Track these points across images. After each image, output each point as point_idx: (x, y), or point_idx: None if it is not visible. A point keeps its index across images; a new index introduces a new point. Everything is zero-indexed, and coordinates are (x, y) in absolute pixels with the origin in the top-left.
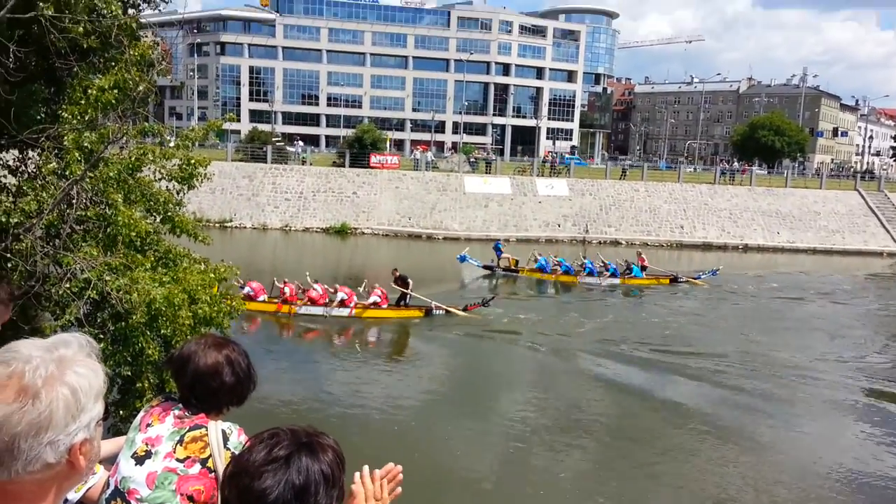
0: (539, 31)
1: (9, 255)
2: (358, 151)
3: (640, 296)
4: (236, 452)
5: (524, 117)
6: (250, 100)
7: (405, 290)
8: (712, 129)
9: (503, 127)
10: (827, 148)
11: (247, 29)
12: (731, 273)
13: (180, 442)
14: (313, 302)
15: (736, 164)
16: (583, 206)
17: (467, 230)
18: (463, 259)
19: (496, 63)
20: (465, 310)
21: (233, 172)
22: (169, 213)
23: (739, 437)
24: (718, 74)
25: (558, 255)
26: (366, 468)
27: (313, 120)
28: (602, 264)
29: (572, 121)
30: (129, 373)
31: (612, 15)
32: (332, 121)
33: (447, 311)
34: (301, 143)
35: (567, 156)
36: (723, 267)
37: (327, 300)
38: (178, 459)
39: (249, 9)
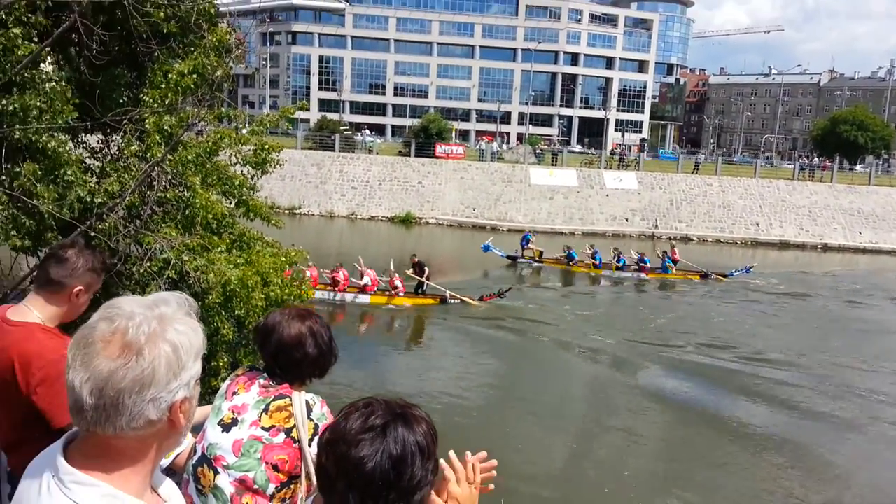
0: (610, 20)
1: (93, 234)
2: (423, 141)
3: (672, 291)
4: (319, 424)
5: (592, 108)
6: (319, 89)
7: (421, 279)
8: (790, 123)
9: (570, 118)
10: None
11: (317, 18)
12: (805, 273)
13: (265, 411)
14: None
15: (816, 159)
16: (652, 200)
17: (532, 222)
18: (487, 248)
19: (564, 52)
20: (480, 300)
21: (302, 160)
22: (243, 197)
23: (803, 452)
24: (798, 66)
25: (594, 246)
26: (452, 452)
27: (380, 109)
28: (638, 257)
29: (642, 112)
30: (205, 352)
31: (686, 3)
32: (399, 110)
33: (462, 301)
34: (368, 131)
35: (662, 151)
36: (756, 264)
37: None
38: (263, 428)
39: None
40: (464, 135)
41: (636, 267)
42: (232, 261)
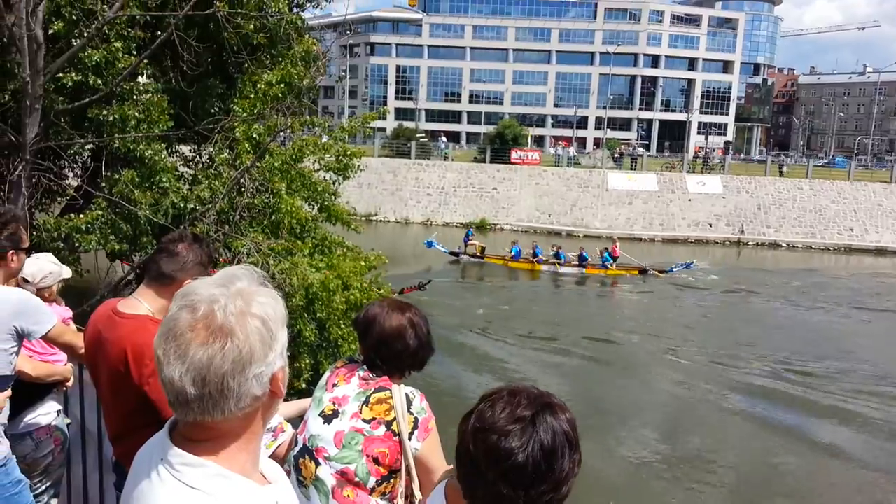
0: (693, 20)
1: None
2: (499, 147)
3: (611, 286)
4: (419, 417)
5: (673, 111)
6: (396, 98)
7: None
8: (887, 124)
9: (649, 121)
10: None
11: (395, 29)
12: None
13: (366, 403)
14: None
15: None
16: (738, 205)
17: (609, 228)
18: (430, 244)
19: (644, 55)
20: (401, 292)
21: (378, 167)
22: (325, 203)
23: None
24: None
25: (535, 243)
26: None
27: (455, 117)
28: (579, 254)
29: (727, 114)
30: (288, 353)
31: (774, 1)
32: (474, 117)
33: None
34: (444, 139)
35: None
36: (697, 260)
37: None
38: (364, 420)
39: (398, 9)
40: (539, 141)
41: (577, 263)
42: (314, 264)
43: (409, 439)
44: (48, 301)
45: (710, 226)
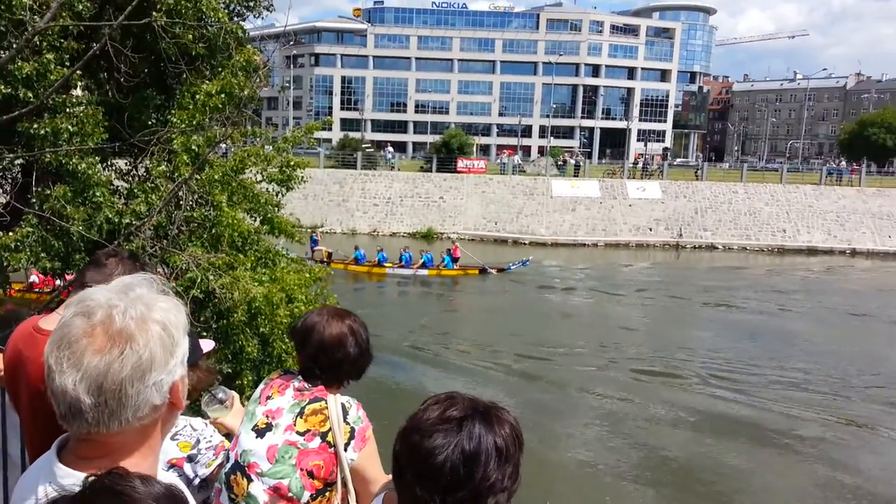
0: (631, 31)
1: None
2: (445, 156)
3: (455, 287)
4: (356, 427)
5: (614, 119)
6: (341, 108)
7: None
8: (816, 128)
9: (591, 129)
10: None
11: (340, 40)
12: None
13: (300, 414)
14: None
15: (843, 163)
16: (676, 210)
17: (554, 234)
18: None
19: (586, 64)
20: None
21: (324, 179)
22: (268, 215)
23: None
24: (824, 70)
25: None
26: None
27: (401, 127)
28: (424, 256)
29: (665, 122)
30: (230, 370)
31: (709, 11)
32: (420, 127)
33: None
34: (391, 149)
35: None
36: (532, 257)
37: None
38: (298, 433)
39: (343, 20)
40: (484, 150)
41: (420, 265)
42: (257, 278)
43: (345, 450)
44: None
45: (651, 230)
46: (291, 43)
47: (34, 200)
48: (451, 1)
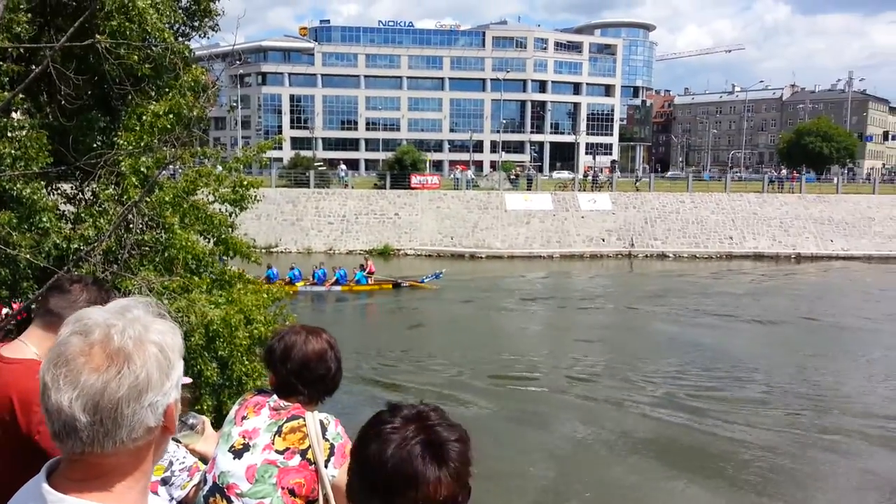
0: (575, 47)
1: None
2: (398, 173)
3: (369, 302)
4: (335, 444)
5: (562, 133)
6: (291, 127)
7: None
8: (756, 138)
9: (541, 144)
10: (877, 153)
11: (287, 59)
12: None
13: (279, 433)
14: None
15: (784, 171)
16: (627, 220)
17: (510, 248)
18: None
19: (532, 80)
20: None
21: (277, 198)
22: (223, 236)
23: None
24: (761, 82)
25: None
26: None
27: (353, 144)
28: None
29: (612, 135)
30: (189, 395)
31: (648, 28)
32: (371, 145)
33: None
34: (344, 167)
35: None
36: (447, 270)
37: None
38: (277, 451)
39: (289, 38)
40: (437, 165)
41: (333, 282)
42: (213, 300)
43: (326, 467)
44: None
45: (603, 240)
46: (238, 62)
47: None
48: (397, 19)
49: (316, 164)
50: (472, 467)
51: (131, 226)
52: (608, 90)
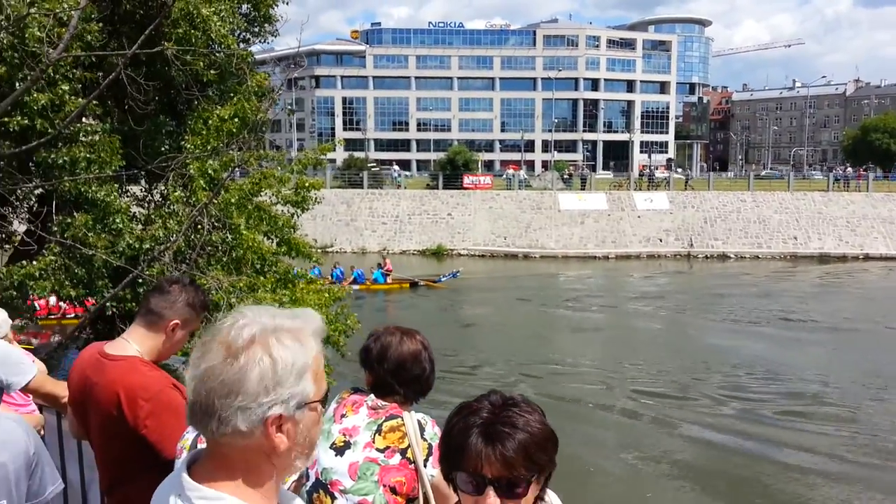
0: (628, 44)
1: (140, 280)
2: (450, 173)
3: (386, 301)
4: (433, 444)
5: (616, 132)
6: (344, 129)
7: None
8: (819, 135)
9: (594, 142)
10: None
11: (339, 62)
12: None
13: (378, 432)
14: None
15: (849, 169)
16: (685, 220)
17: (564, 248)
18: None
19: (584, 79)
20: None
21: (331, 199)
22: (286, 236)
23: None
24: (823, 77)
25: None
26: None
27: (404, 145)
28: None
29: (667, 133)
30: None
31: (704, 23)
32: (422, 145)
33: None
34: (397, 167)
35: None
36: (463, 269)
37: None
38: (378, 449)
39: (341, 42)
40: (488, 165)
41: (351, 280)
42: (278, 299)
43: (425, 466)
44: None
45: (661, 241)
46: (293, 66)
47: (55, 229)
48: (447, 20)
49: (369, 164)
50: (547, 468)
51: (199, 227)
52: (663, 87)
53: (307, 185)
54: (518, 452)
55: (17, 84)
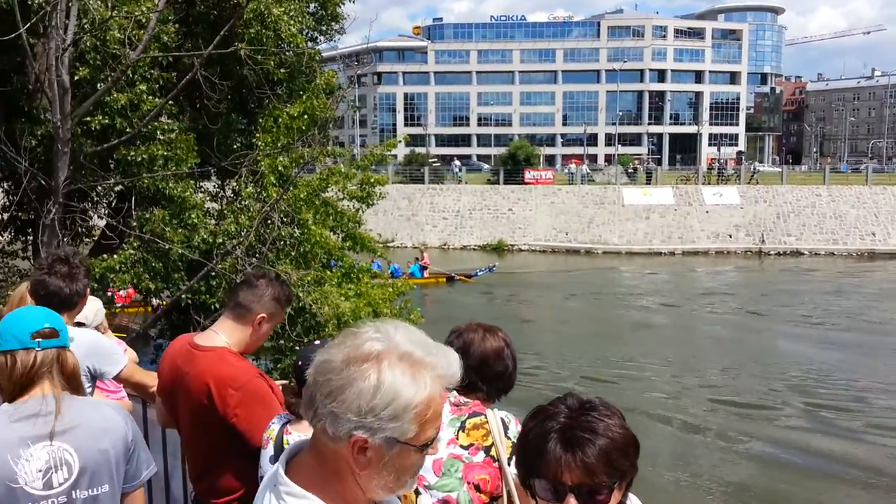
0: (696, 34)
1: (213, 273)
2: (511, 168)
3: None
4: (516, 442)
5: (683, 124)
6: (405, 125)
7: None
8: None
9: (660, 135)
10: None
11: (401, 58)
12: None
13: (462, 428)
14: None
15: None
16: (756, 215)
17: (628, 243)
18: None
19: (650, 70)
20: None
21: (393, 194)
22: (351, 231)
23: None
24: None
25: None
26: None
27: (464, 140)
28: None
29: (737, 125)
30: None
31: (777, 11)
32: (483, 140)
33: None
34: (458, 162)
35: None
36: (500, 263)
37: None
38: (462, 446)
39: (403, 38)
40: (549, 160)
41: (389, 275)
42: (343, 293)
43: (509, 465)
44: None
45: (730, 236)
46: (356, 63)
47: (134, 224)
48: (509, 14)
49: (430, 160)
50: (629, 473)
51: (270, 222)
52: (733, 78)
53: (372, 180)
54: (599, 459)
55: (99, 85)
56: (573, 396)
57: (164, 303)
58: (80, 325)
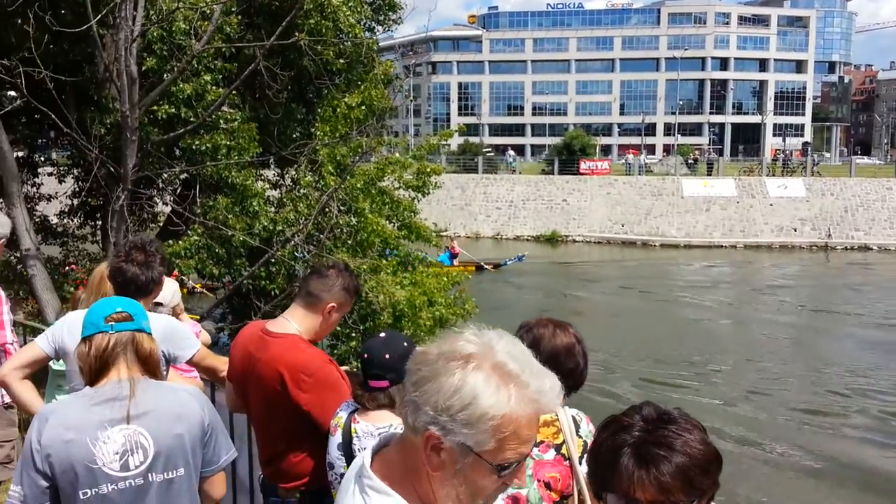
0: (761, 21)
1: (273, 260)
2: (566, 158)
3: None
4: (588, 441)
5: (746, 114)
6: (459, 114)
7: None
8: None
9: (721, 125)
10: None
11: (455, 47)
12: None
13: None
14: None
15: None
16: (823, 208)
17: (686, 236)
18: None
19: (712, 58)
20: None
21: (446, 183)
22: (407, 220)
23: None
24: None
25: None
26: None
27: (518, 130)
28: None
29: (803, 115)
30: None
31: None
32: (537, 130)
33: None
34: (512, 152)
35: None
36: (528, 253)
37: None
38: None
39: (458, 27)
40: (605, 150)
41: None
42: (398, 281)
43: (580, 464)
44: (179, 320)
45: (795, 230)
46: (411, 52)
47: (199, 211)
48: (566, 1)
49: (484, 149)
50: (710, 491)
51: (328, 210)
52: (799, 66)
53: (428, 170)
54: (675, 477)
55: (165, 75)
56: (650, 405)
57: (226, 288)
58: (157, 304)
